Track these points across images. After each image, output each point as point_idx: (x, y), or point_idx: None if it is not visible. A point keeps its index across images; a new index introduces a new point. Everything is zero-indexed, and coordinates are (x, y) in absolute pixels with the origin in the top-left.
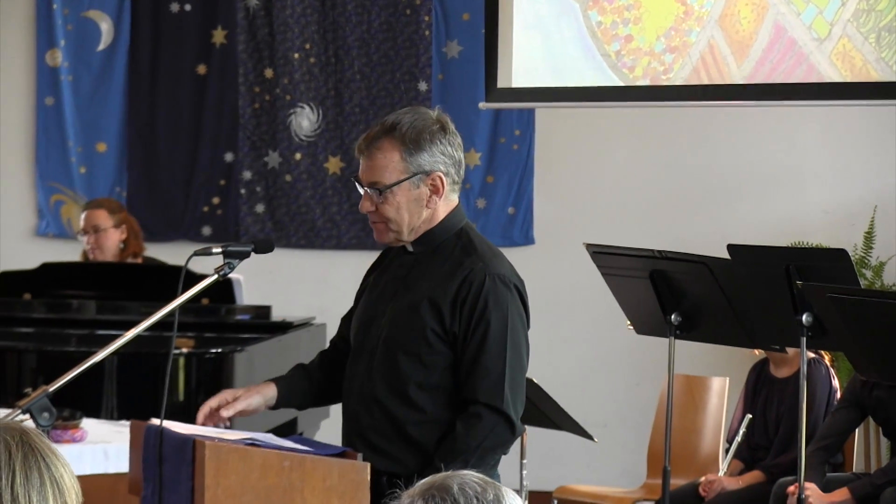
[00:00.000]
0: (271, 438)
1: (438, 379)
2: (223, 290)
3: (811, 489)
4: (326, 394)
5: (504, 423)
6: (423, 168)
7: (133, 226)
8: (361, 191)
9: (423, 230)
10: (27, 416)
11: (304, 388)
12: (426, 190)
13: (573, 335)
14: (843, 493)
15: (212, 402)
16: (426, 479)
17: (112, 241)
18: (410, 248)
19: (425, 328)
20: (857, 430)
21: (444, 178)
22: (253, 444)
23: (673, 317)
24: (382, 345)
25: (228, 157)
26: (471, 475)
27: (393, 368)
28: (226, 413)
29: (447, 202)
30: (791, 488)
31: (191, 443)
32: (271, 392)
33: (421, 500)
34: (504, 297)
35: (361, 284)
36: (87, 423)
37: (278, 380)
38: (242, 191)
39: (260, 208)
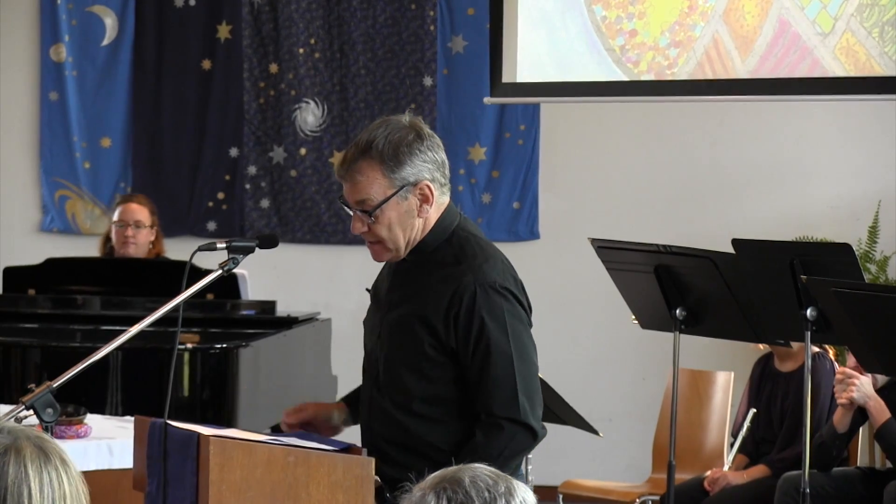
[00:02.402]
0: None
1: (444, 391)
2: (228, 285)
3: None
4: None
5: (524, 432)
6: (407, 180)
7: (159, 230)
8: (351, 212)
9: (418, 240)
10: (31, 412)
11: None
12: (415, 200)
13: (578, 330)
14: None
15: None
16: (437, 472)
17: (147, 239)
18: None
19: (422, 343)
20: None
21: (431, 186)
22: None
23: (678, 311)
24: (384, 360)
25: (233, 152)
26: (482, 468)
27: (397, 383)
28: (290, 420)
29: (438, 205)
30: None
31: (195, 438)
32: (342, 406)
33: (432, 492)
34: (499, 307)
35: (374, 284)
36: (92, 419)
37: (347, 398)
38: (247, 186)
39: (265, 203)
